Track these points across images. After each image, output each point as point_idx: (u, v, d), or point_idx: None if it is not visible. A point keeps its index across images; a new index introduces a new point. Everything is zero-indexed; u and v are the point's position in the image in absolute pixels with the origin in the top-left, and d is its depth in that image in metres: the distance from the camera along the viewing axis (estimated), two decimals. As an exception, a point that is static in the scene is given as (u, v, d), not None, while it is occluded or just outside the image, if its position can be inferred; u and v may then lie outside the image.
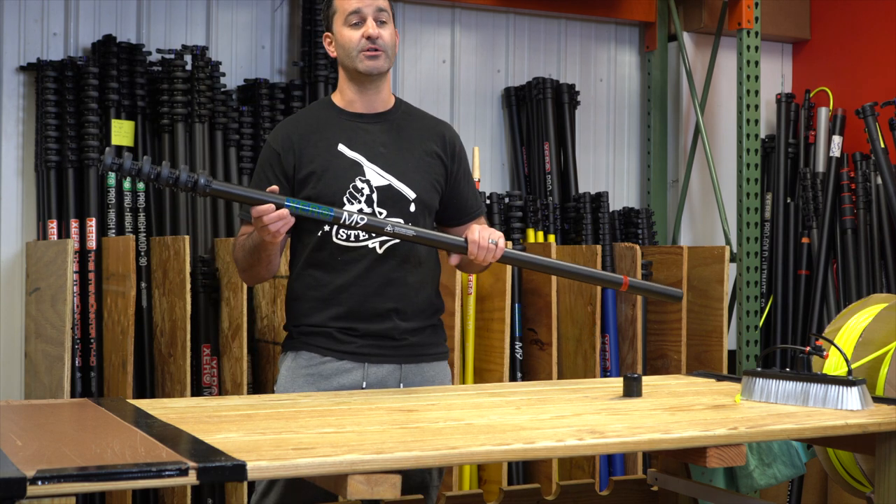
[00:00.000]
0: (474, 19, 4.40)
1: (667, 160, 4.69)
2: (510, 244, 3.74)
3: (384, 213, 2.53)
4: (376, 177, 2.54)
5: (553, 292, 3.77)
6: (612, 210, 4.26)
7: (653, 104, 4.65)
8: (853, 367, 2.46)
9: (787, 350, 4.39)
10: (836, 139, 4.42)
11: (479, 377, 3.79)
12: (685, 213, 4.70)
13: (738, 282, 4.14)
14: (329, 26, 2.61)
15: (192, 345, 3.41)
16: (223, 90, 3.77)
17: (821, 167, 4.43)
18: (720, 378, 2.73)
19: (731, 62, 4.57)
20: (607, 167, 4.66)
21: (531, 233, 4.07)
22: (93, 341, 3.53)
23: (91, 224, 3.55)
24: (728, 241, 4.36)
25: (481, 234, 2.45)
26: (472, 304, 3.80)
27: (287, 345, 2.60)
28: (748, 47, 4.09)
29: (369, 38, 2.52)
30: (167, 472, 1.52)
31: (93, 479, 1.47)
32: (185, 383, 3.31)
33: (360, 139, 2.57)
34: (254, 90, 3.83)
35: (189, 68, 3.72)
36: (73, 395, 3.39)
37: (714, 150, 4.67)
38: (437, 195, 2.63)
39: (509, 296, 3.70)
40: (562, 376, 3.88)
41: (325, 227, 2.52)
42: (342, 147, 2.55)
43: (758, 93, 4.11)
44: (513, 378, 3.84)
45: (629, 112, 4.71)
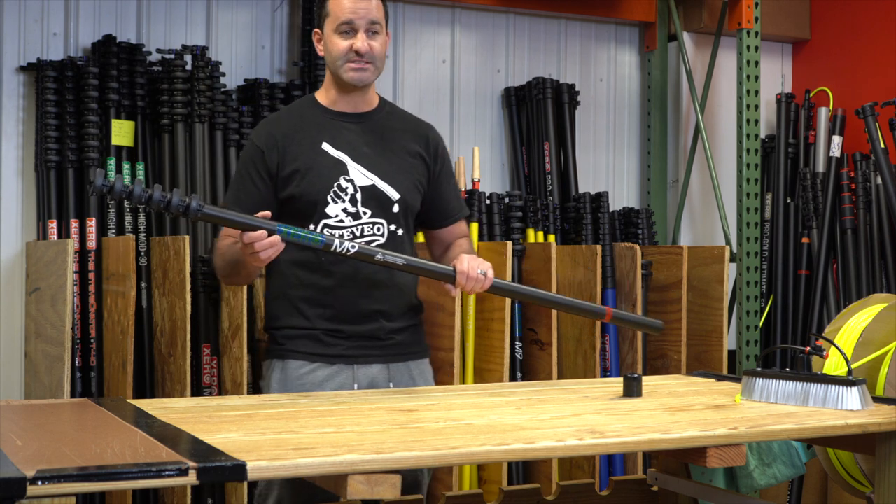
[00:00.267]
0: (474, 19, 4.40)
1: (667, 160, 4.69)
2: (510, 244, 3.74)
3: (368, 212, 2.51)
4: (360, 176, 2.52)
5: (553, 292, 3.76)
6: (612, 210, 4.26)
7: (653, 104, 4.65)
8: (853, 367, 2.46)
9: (787, 350, 4.38)
10: (836, 139, 4.42)
11: (479, 377, 3.79)
12: (685, 213, 4.70)
13: (738, 282, 4.14)
14: (320, 25, 2.59)
15: (192, 345, 3.41)
16: (223, 90, 3.77)
17: (821, 167, 4.43)
18: (720, 378, 2.73)
19: (731, 62, 4.56)
20: (607, 167, 4.66)
21: (531, 233, 4.07)
22: (93, 341, 3.52)
23: (91, 224, 3.55)
24: (728, 241, 4.36)
25: (470, 265, 2.43)
26: (472, 304, 3.80)
27: (272, 352, 2.57)
28: (748, 47, 4.09)
29: (357, 52, 2.50)
30: (167, 472, 1.52)
31: (93, 479, 1.47)
32: (185, 383, 3.31)
33: (344, 138, 2.55)
34: (254, 90, 3.83)
35: (189, 68, 3.71)
36: (73, 395, 3.39)
37: (714, 150, 4.67)
38: (420, 196, 2.62)
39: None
40: (562, 376, 3.88)
41: (311, 226, 2.50)
42: (326, 146, 2.53)
43: (758, 93, 4.11)
44: (513, 378, 3.84)
45: (629, 112, 4.71)
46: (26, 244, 3.58)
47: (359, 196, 2.51)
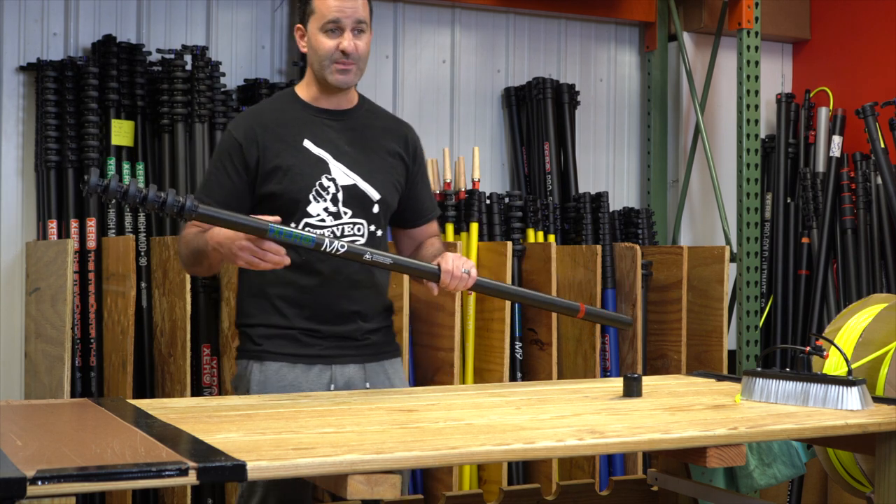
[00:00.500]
0: (474, 19, 4.40)
1: (667, 160, 4.69)
2: (510, 244, 3.74)
3: (349, 212, 2.49)
4: (342, 175, 2.50)
5: (553, 292, 3.77)
6: (612, 210, 4.26)
7: (653, 104, 4.65)
8: (853, 367, 2.46)
9: (787, 350, 4.39)
10: (836, 139, 4.42)
11: (479, 377, 3.79)
12: (685, 213, 4.70)
13: (738, 282, 4.14)
14: (304, 21, 2.55)
15: (192, 345, 3.41)
16: (223, 90, 3.77)
17: (821, 167, 4.43)
18: (720, 378, 2.73)
19: (731, 62, 4.56)
20: (607, 167, 4.66)
21: (531, 233, 4.07)
22: (93, 341, 3.53)
23: (91, 224, 3.55)
24: (728, 241, 4.36)
25: (455, 264, 2.43)
26: (472, 304, 3.80)
27: (249, 352, 2.54)
28: (748, 47, 4.09)
29: (344, 52, 2.48)
30: (167, 472, 1.52)
31: (93, 479, 1.48)
32: (185, 383, 3.31)
33: (325, 136, 2.52)
34: (254, 90, 3.83)
35: (189, 68, 3.71)
36: (73, 395, 3.39)
37: (714, 150, 4.67)
38: (398, 196, 2.61)
39: (509, 296, 3.70)
40: (562, 376, 3.88)
41: (293, 224, 2.47)
42: (308, 143, 2.50)
43: (758, 93, 4.11)
44: (513, 378, 3.84)
45: (629, 112, 4.71)
46: (26, 244, 3.58)
47: (340, 195, 2.49)
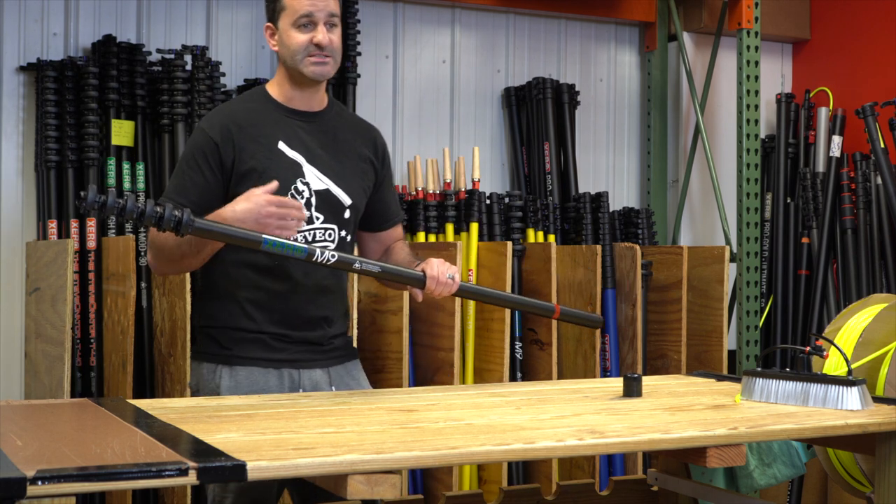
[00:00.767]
0: (474, 19, 4.40)
1: (667, 160, 4.69)
2: (510, 244, 3.74)
3: (321, 217, 2.48)
4: (315, 180, 2.48)
5: (553, 292, 3.77)
6: (612, 210, 4.26)
7: (653, 104, 4.65)
8: (853, 367, 2.46)
9: (787, 350, 4.39)
10: (836, 139, 4.42)
11: (479, 377, 3.79)
12: (685, 213, 4.70)
13: (738, 282, 4.14)
14: (273, 20, 2.52)
15: (192, 345, 3.41)
16: (223, 90, 3.77)
17: (821, 167, 4.43)
18: (720, 378, 2.73)
19: (731, 62, 4.57)
20: (607, 167, 4.66)
21: (531, 233, 4.07)
22: (93, 341, 3.53)
23: (91, 224, 3.55)
24: (728, 241, 4.36)
25: (440, 270, 2.43)
26: (472, 304, 3.80)
27: (216, 355, 2.49)
28: (748, 47, 4.09)
29: (318, 45, 2.46)
30: (167, 472, 1.52)
31: (93, 479, 1.47)
32: (185, 383, 3.31)
33: (298, 138, 2.50)
34: (254, 90, 3.83)
35: (189, 68, 3.72)
36: (73, 395, 3.39)
37: (714, 150, 4.67)
38: (366, 200, 2.61)
39: (509, 296, 3.70)
40: (562, 376, 3.88)
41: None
42: (282, 145, 2.47)
43: (758, 93, 4.11)
44: (513, 378, 3.84)
45: (629, 112, 4.71)
46: (26, 244, 3.58)
47: (313, 200, 2.47)
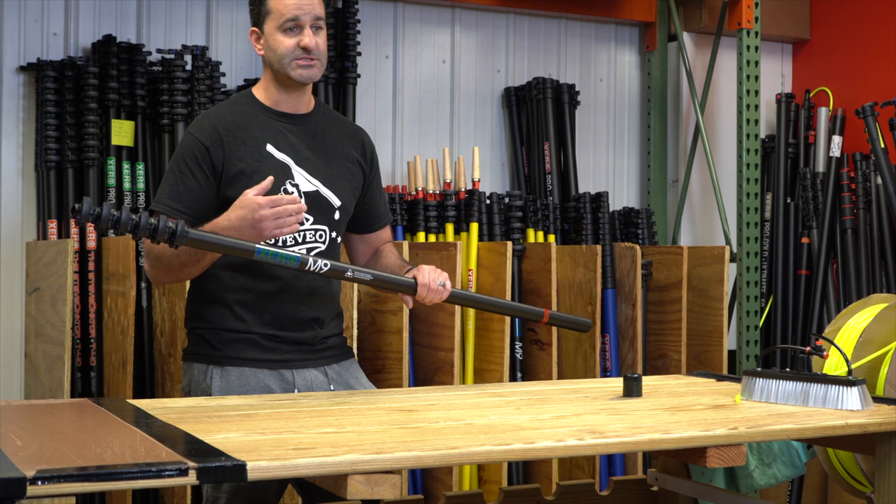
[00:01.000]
0: (474, 19, 4.40)
1: (667, 160, 4.69)
2: (510, 244, 3.74)
3: (311, 219, 2.48)
4: (304, 181, 2.49)
5: (553, 292, 3.77)
6: (612, 210, 4.26)
7: (653, 104, 4.65)
8: (853, 367, 2.46)
9: (787, 350, 4.39)
10: (836, 139, 4.42)
11: (479, 377, 3.79)
12: (685, 213, 4.70)
13: (738, 282, 4.14)
14: (259, 24, 2.52)
15: (192, 345, 3.41)
16: (223, 90, 3.77)
17: (821, 167, 4.43)
18: (720, 378, 2.73)
19: (731, 62, 4.57)
20: (607, 167, 4.66)
21: (531, 233, 4.07)
22: (93, 341, 3.53)
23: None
24: (728, 241, 4.36)
25: (431, 277, 2.44)
26: (472, 304, 3.80)
27: (206, 356, 2.49)
28: (748, 47, 4.09)
29: (305, 49, 2.46)
30: (167, 472, 1.52)
31: (93, 479, 1.47)
32: (185, 383, 3.31)
33: (286, 140, 2.51)
34: (254, 90, 3.83)
35: (189, 68, 3.72)
36: (73, 395, 3.39)
37: (714, 150, 4.67)
38: (355, 202, 2.61)
39: (509, 296, 3.70)
40: (562, 376, 3.88)
41: None
42: (271, 148, 2.48)
43: (758, 93, 4.11)
44: (513, 378, 3.84)
45: (629, 112, 4.71)
46: (26, 244, 3.58)
47: (303, 202, 2.48)
